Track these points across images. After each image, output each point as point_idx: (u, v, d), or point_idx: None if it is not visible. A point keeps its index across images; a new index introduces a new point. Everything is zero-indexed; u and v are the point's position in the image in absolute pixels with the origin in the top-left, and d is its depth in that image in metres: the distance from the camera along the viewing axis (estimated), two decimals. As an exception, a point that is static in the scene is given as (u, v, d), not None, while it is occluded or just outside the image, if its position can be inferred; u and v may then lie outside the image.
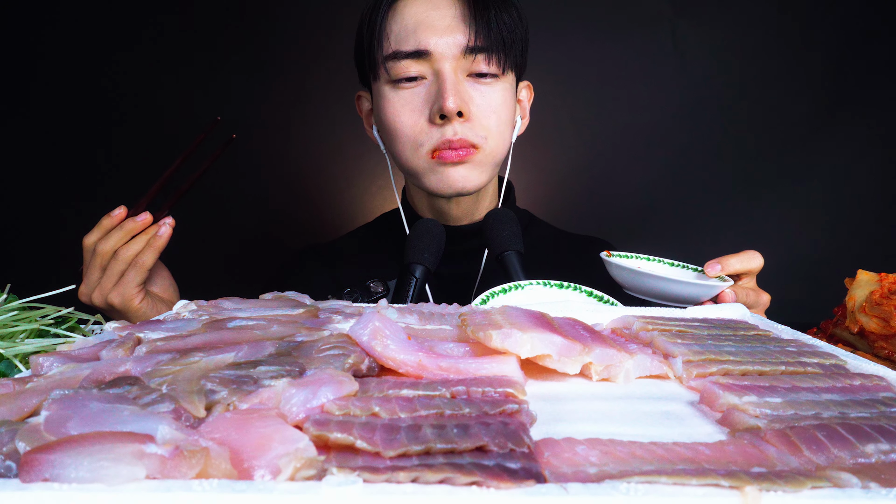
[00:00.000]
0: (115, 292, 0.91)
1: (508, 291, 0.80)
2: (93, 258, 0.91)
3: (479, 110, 0.98)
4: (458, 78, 0.97)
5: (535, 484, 0.27)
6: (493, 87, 1.00)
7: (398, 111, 1.00)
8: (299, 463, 0.28)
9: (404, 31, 0.97)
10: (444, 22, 0.96)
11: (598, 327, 0.65)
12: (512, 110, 1.05)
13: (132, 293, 0.91)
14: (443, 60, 0.96)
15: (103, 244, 0.90)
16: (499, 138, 1.02)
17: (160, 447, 0.28)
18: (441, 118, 0.96)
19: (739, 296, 0.85)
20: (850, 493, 0.28)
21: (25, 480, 0.26)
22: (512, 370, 0.43)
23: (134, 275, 0.90)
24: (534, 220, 1.27)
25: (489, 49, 0.97)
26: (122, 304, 0.91)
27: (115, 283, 0.91)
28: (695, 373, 0.47)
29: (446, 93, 0.94)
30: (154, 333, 0.52)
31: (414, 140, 1.00)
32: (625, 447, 0.32)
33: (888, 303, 0.75)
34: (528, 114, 1.16)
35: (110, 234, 0.90)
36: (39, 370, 0.44)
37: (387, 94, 1.01)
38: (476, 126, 0.98)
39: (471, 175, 1.01)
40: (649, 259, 0.94)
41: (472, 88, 0.99)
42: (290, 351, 0.46)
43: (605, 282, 0.91)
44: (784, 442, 0.33)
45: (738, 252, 0.88)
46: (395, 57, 0.97)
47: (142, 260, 0.90)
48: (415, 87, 0.99)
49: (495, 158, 1.04)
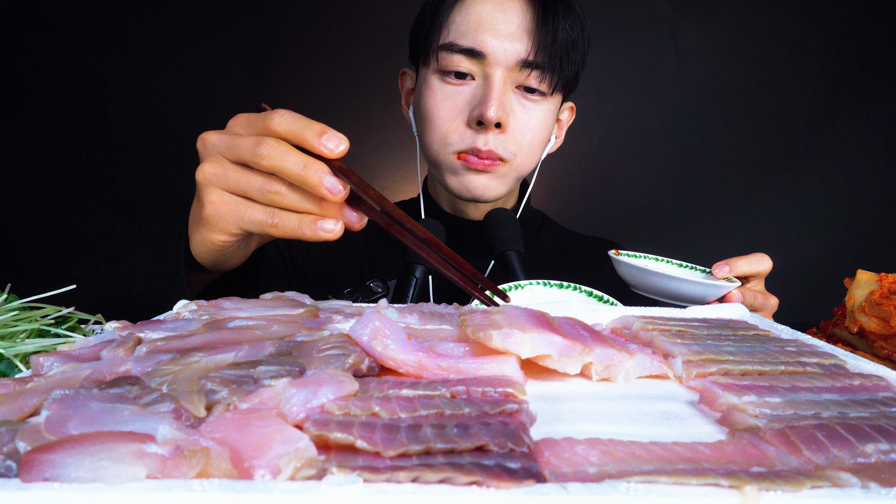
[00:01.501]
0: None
1: (508, 291, 0.80)
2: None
3: (517, 125, 0.97)
4: (505, 87, 0.95)
5: (535, 484, 0.27)
6: (538, 104, 0.99)
7: (438, 104, 0.98)
8: (299, 463, 0.28)
9: (466, 25, 0.95)
10: (508, 28, 0.94)
11: (598, 327, 0.65)
12: (549, 130, 1.04)
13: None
14: (496, 66, 0.94)
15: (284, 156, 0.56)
16: (528, 156, 1.01)
17: (160, 447, 0.28)
18: (478, 124, 0.95)
19: (747, 298, 0.84)
20: (850, 493, 0.28)
21: (26, 480, 0.26)
22: (512, 370, 0.43)
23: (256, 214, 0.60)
24: (547, 220, 1.27)
25: (544, 67, 0.95)
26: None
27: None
28: (694, 373, 0.47)
29: (490, 101, 0.92)
30: (154, 333, 0.52)
31: (444, 136, 0.99)
32: (625, 447, 0.32)
33: (888, 303, 0.75)
34: (563, 135, 1.16)
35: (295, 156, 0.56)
36: (40, 370, 0.44)
37: (432, 83, 0.99)
38: (509, 140, 0.97)
39: (491, 185, 1.01)
40: (657, 259, 0.95)
41: (517, 102, 0.97)
42: (290, 351, 0.46)
43: (616, 283, 0.91)
44: (784, 442, 0.33)
45: (747, 254, 0.88)
46: (450, 48, 0.96)
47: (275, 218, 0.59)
48: (461, 85, 0.97)
49: (520, 173, 1.04)
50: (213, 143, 0.61)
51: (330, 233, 0.56)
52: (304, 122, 0.56)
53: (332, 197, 0.55)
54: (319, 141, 0.54)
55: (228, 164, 0.60)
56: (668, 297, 0.86)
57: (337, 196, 0.55)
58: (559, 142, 1.16)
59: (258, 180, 0.58)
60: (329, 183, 0.54)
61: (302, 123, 0.56)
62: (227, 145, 0.59)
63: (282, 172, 0.56)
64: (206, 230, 0.64)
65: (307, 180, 0.55)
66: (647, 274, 0.84)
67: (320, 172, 0.54)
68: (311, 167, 0.54)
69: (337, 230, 0.56)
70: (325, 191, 0.54)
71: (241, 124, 0.60)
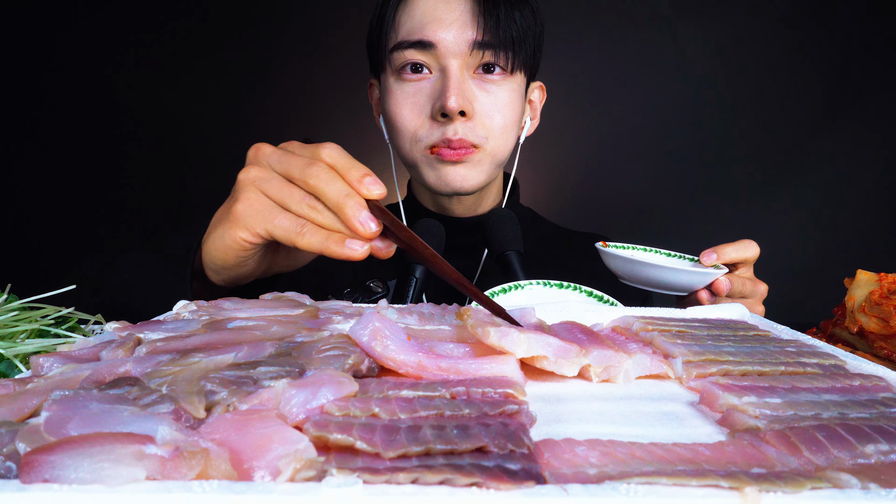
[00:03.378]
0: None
1: (508, 291, 0.80)
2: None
3: (482, 109, 0.98)
4: (463, 76, 0.96)
5: (535, 485, 0.27)
6: (500, 86, 0.99)
7: (400, 104, 0.99)
8: (299, 464, 0.28)
9: (412, 22, 0.97)
10: (453, 16, 0.95)
11: (598, 327, 0.65)
12: (518, 111, 1.04)
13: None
14: (449, 56, 0.95)
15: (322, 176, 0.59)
16: (501, 139, 1.01)
17: (160, 448, 0.28)
18: (443, 116, 0.95)
19: (736, 285, 0.85)
20: (850, 494, 0.28)
21: (25, 481, 0.26)
22: (512, 371, 0.43)
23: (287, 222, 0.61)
24: (536, 217, 1.27)
25: (497, 46, 0.95)
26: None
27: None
28: (694, 373, 0.47)
29: (449, 91, 0.93)
30: (154, 334, 0.52)
31: (413, 135, 0.99)
32: (625, 448, 0.32)
33: (888, 303, 0.75)
34: (538, 115, 1.16)
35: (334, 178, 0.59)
36: (39, 370, 0.44)
37: (391, 86, 1.01)
38: (478, 126, 0.98)
39: (469, 174, 1.00)
40: (646, 250, 0.95)
41: (478, 87, 0.98)
42: (289, 351, 0.46)
43: (607, 278, 0.91)
44: (784, 442, 0.33)
45: (734, 241, 0.88)
46: (400, 47, 0.97)
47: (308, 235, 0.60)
48: (419, 80, 0.98)
49: (496, 159, 1.03)
50: (267, 154, 0.63)
51: (355, 252, 0.57)
52: (351, 161, 0.60)
53: (362, 231, 0.57)
54: (361, 181, 0.58)
55: (275, 174, 0.62)
56: (657, 287, 0.86)
57: (367, 232, 0.57)
58: (535, 123, 1.16)
59: (300, 192, 0.60)
60: (364, 217, 0.57)
61: (349, 161, 0.59)
62: (280, 158, 0.62)
63: (323, 195, 0.58)
64: (231, 225, 0.65)
65: (345, 209, 0.57)
66: (634, 264, 0.84)
67: (359, 205, 0.57)
68: (353, 197, 0.57)
69: (362, 251, 0.58)
70: (359, 223, 0.57)
71: (294, 147, 0.63)
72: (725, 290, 0.84)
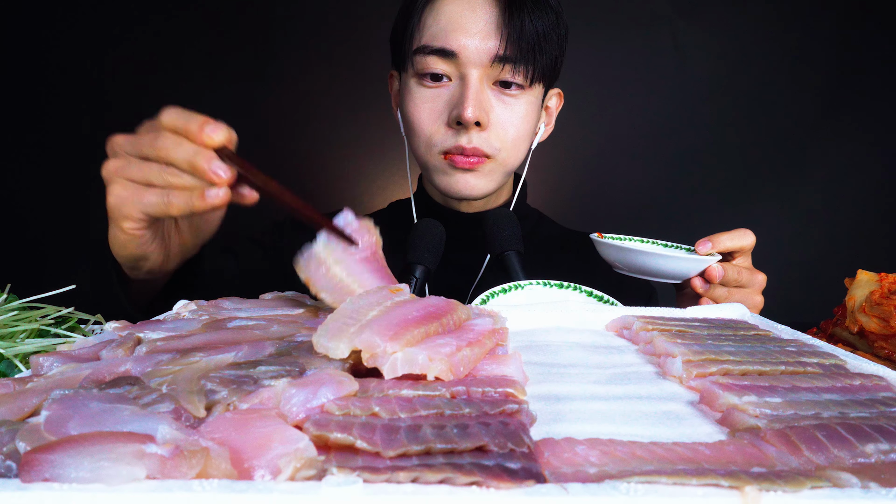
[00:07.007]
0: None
1: (508, 291, 0.80)
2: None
3: (498, 120, 0.98)
4: (482, 86, 0.96)
5: (535, 484, 0.27)
6: (518, 98, 0.99)
7: (418, 108, 1.00)
8: (299, 463, 0.28)
9: (437, 27, 0.97)
10: (477, 26, 0.95)
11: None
12: (533, 122, 1.04)
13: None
14: (469, 66, 0.95)
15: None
16: (513, 150, 1.02)
17: (160, 447, 0.28)
18: (458, 124, 0.96)
19: (730, 273, 0.85)
20: (850, 493, 0.28)
21: (26, 480, 0.26)
22: (512, 370, 0.43)
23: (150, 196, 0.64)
24: (542, 218, 1.28)
25: (517, 60, 0.96)
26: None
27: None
28: (695, 373, 0.47)
29: (467, 101, 0.93)
30: (154, 333, 0.53)
31: (428, 139, 1.00)
32: (625, 447, 0.32)
33: (888, 303, 0.75)
34: (553, 121, 1.16)
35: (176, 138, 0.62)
36: (39, 370, 0.44)
37: (411, 87, 1.01)
38: (492, 137, 0.98)
39: (479, 183, 1.02)
40: (643, 241, 0.95)
41: (496, 98, 0.98)
42: (290, 351, 0.46)
43: (610, 279, 0.91)
44: (784, 442, 0.33)
45: (730, 230, 0.88)
46: (423, 51, 0.97)
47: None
48: (438, 87, 0.98)
49: (507, 168, 1.04)
50: (120, 143, 0.66)
51: (216, 199, 0.61)
52: (187, 116, 0.62)
53: (217, 180, 0.60)
54: (202, 132, 0.60)
55: (132, 159, 0.65)
56: (651, 275, 0.86)
57: (220, 179, 0.60)
58: (549, 129, 1.16)
59: (157, 166, 0.63)
60: (214, 166, 0.60)
61: (186, 116, 0.62)
62: (131, 142, 0.65)
63: (175, 161, 0.61)
64: (113, 221, 0.69)
65: (197, 165, 0.60)
66: (627, 252, 0.85)
67: (207, 158, 0.60)
68: (200, 153, 0.60)
69: (222, 196, 0.61)
70: (212, 174, 0.59)
71: (145, 127, 0.66)
72: (718, 277, 0.84)
